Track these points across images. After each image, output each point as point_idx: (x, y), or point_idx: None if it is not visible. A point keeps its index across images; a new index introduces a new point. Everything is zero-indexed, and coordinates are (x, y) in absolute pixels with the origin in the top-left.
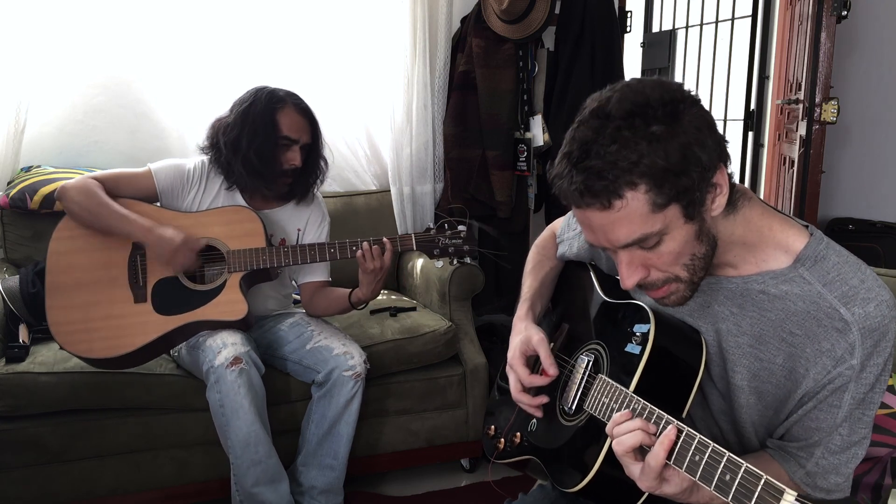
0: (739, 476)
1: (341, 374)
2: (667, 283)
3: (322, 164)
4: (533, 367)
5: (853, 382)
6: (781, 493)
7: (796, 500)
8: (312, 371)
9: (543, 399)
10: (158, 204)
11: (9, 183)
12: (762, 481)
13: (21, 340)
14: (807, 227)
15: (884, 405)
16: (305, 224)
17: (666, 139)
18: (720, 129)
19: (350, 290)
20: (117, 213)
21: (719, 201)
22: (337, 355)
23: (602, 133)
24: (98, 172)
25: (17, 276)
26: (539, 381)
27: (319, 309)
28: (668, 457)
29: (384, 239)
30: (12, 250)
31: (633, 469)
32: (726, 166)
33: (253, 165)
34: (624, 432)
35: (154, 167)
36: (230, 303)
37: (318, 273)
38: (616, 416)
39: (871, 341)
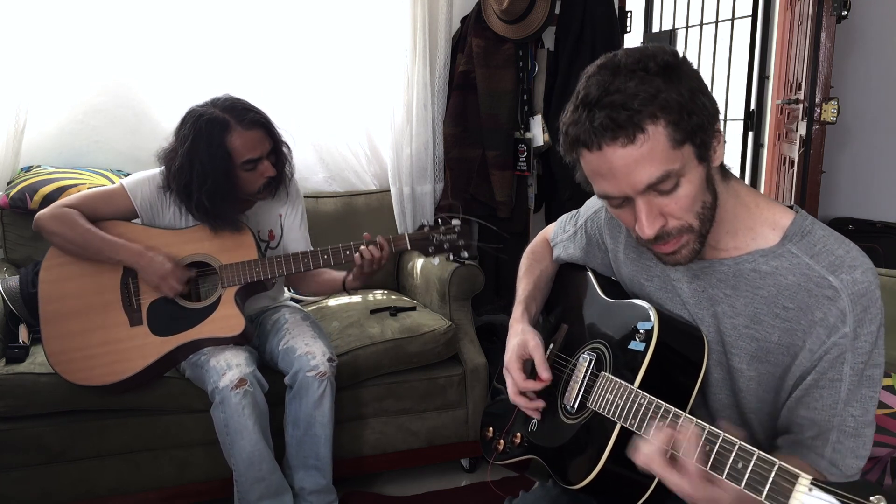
0: (752, 463)
1: (305, 376)
2: (681, 232)
3: (287, 154)
4: (530, 372)
5: (850, 353)
6: (796, 477)
7: (812, 482)
8: (284, 372)
9: (541, 403)
10: (140, 221)
11: (9, 183)
12: (776, 467)
13: (21, 341)
14: (791, 206)
15: (884, 405)
16: (284, 205)
17: (676, 80)
18: (720, 127)
19: (343, 275)
20: (105, 239)
21: (720, 150)
22: (300, 356)
23: (617, 76)
24: (70, 198)
25: (17, 276)
26: (534, 385)
27: (310, 290)
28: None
29: (380, 239)
30: (12, 250)
31: (674, 479)
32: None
33: (206, 210)
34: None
35: (128, 185)
36: (226, 318)
37: (300, 245)
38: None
39: (861, 307)
